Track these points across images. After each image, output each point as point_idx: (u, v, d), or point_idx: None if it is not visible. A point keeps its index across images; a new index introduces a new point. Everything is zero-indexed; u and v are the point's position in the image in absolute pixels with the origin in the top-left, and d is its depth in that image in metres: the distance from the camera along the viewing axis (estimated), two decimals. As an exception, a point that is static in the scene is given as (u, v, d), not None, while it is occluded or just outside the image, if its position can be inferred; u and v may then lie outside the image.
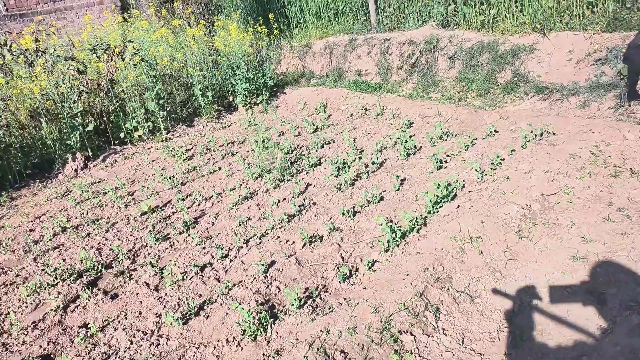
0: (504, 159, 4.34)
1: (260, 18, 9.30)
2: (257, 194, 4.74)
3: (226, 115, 7.70)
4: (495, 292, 2.86)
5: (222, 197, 4.81)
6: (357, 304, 2.91)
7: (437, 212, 3.78)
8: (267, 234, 3.98)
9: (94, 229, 4.50)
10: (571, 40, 5.64)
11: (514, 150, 4.45)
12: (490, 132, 4.97)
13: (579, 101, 5.16)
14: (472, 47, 6.48)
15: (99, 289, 3.60)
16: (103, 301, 3.43)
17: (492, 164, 4.28)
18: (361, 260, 3.45)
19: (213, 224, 4.32)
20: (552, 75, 5.65)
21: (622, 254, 2.88)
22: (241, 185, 4.98)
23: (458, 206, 3.76)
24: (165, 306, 3.25)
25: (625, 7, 5.39)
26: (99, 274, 3.79)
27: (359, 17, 9.01)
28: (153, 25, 8.85)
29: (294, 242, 3.80)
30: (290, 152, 5.60)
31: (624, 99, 4.75)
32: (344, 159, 4.96)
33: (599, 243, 3.03)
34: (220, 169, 5.52)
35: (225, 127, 7.20)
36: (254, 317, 2.87)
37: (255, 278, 3.41)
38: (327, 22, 9.37)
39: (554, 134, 4.58)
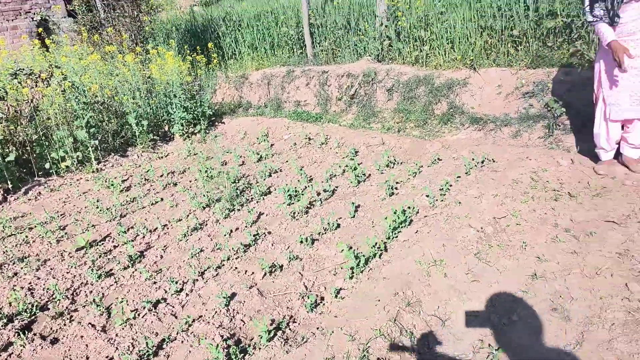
0: (452, 185, 4.51)
1: (198, 47, 9.17)
2: (206, 224, 4.54)
3: (162, 145, 7.39)
4: (465, 314, 2.90)
5: (168, 228, 4.55)
6: (332, 332, 2.82)
7: (397, 237, 3.82)
8: (224, 265, 3.79)
9: (21, 268, 4.05)
10: (499, 76, 6.08)
11: (459, 177, 4.64)
12: (434, 160, 5.17)
13: (511, 131, 5.53)
14: (409, 80, 6.78)
15: (34, 334, 3.21)
16: (42, 347, 3.06)
17: (441, 189, 4.43)
18: (325, 288, 3.37)
19: (162, 256, 4.05)
20: (484, 107, 6.03)
21: (576, 271, 3.06)
22: (188, 215, 4.75)
23: (416, 231, 3.82)
24: (117, 348, 2.96)
25: (547, 46, 5.92)
26: (34, 317, 3.39)
27: (294, 50, 9.15)
28: (79, 52, 8.39)
29: (253, 273, 3.65)
30: (237, 181, 5.46)
31: (552, 129, 5.16)
32: (295, 187, 4.91)
33: (553, 262, 3.20)
34: (162, 199, 5.24)
35: (162, 157, 6.90)
36: (222, 353, 2.69)
37: (216, 312, 3.21)
38: (263, 53, 9.43)
39: (494, 161, 4.85)
